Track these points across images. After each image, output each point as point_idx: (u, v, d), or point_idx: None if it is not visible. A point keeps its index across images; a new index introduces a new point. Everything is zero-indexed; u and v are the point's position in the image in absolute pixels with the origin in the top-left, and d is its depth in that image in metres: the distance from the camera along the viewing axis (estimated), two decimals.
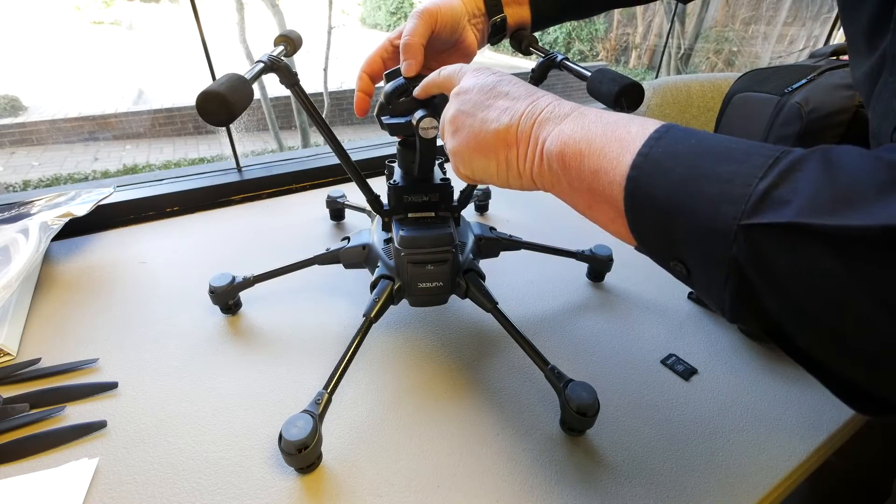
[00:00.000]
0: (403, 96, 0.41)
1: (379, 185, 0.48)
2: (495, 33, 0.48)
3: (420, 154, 0.42)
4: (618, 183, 0.24)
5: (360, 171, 0.47)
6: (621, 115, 0.27)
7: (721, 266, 0.21)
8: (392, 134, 0.42)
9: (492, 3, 0.46)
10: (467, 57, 0.48)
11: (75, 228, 0.64)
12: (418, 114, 0.38)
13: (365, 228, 0.54)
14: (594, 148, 0.26)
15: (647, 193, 0.23)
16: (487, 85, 0.32)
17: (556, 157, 0.27)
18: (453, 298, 0.48)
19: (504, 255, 0.55)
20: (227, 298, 0.52)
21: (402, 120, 0.41)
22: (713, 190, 0.21)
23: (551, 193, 0.30)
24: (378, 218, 0.51)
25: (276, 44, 0.42)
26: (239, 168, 0.80)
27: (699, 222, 0.21)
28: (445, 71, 0.37)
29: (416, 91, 0.39)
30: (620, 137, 0.25)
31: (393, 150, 0.89)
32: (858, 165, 0.19)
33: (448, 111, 0.34)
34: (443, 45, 0.45)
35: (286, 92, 0.40)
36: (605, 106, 0.39)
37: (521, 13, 0.47)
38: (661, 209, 0.23)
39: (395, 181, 0.46)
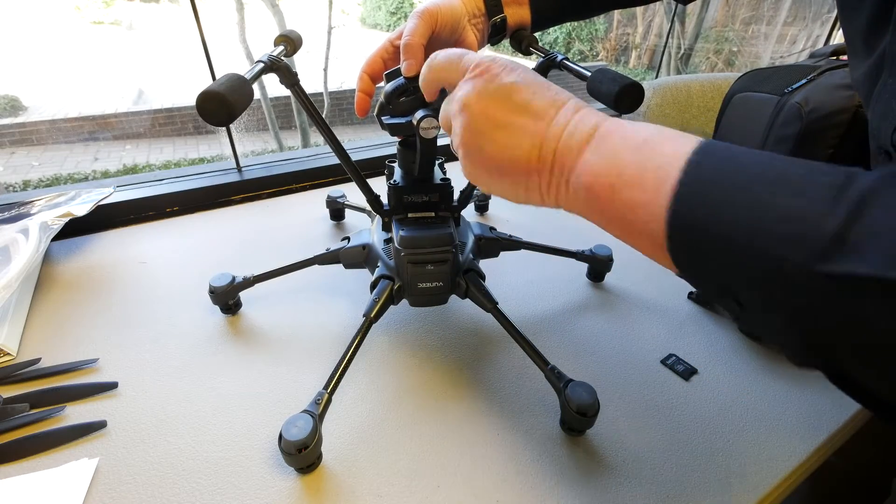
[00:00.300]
0: (404, 96, 0.41)
1: (379, 185, 0.48)
2: (495, 33, 0.48)
3: (421, 154, 0.42)
4: (657, 216, 0.22)
5: (360, 171, 0.47)
6: (649, 133, 0.24)
7: (784, 310, 0.19)
8: (392, 134, 0.42)
9: (492, 3, 0.46)
10: None
11: (75, 228, 0.64)
12: (419, 114, 0.38)
13: (365, 228, 0.54)
14: (626, 179, 0.23)
15: (692, 227, 0.21)
16: (501, 94, 0.28)
17: (584, 189, 0.25)
18: (453, 298, 0.48)
19: (504, 255, 0.55)
20: (227, 298, 0.52)
21: (402, 120, 0.41)
22: (774, 228, 0.19)
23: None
24: (378, 218, 0.51)
25: (276, 44, 0.42)
26: (239, 168, 0.80)
27: (758, 263, 0.19)
28: (441, 56, 0.32)
29: (422, 89, 0.35)
30: (656, 165, 0.22)
31: (393, 150, 0.89)
32: None
33: (456, 125, 0.30)
34: (443, 45, 0.45)
35: (286, 92, 0.41)
36: (605, 106, 0.39)
37: (521, 13, 0.47)
38: (710, 244, 0.21)
39: (395, 181, 0.46)
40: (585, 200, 0.26)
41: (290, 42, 0.42)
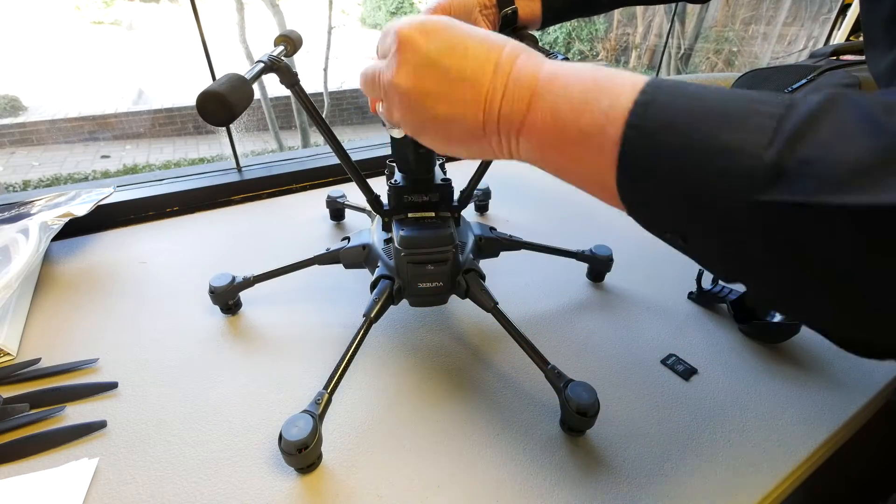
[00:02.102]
0: None
1: (379, 185, 0.48)
2: (506, 25, 0.47)
3: (414, 148, 0.42)
4: (606, 166, 0.23)
5: (360, 171, 0.47)
6: (585, 85, 0.23)
7: (726, 239, 0.20)
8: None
9: None
10: None
11: (75, 228, 0.64)
12: None
13: (365, 228, 0.54)
14: (570, 137, 0.24)
15: (642, 170, 0.22)
16: (430, 65, 0.26)
17: (535, 149, 0.26)
18: (453, 298, 0.48)
19: (504, 255, 0.55)
20: (227, 298, 0.52)
21: None
22: (718, 163, 0.19)
23: None
24: (378, 218, 0.51)
25: (277, 44, 0.42)
26: (239, 168, 0.80)
27: (704, 199, 0.20)
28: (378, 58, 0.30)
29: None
30: (597, 121, 0.22)
31: None
32: (869, 125, 0.17)
33: (392, 106, 0.29)
34: None
35: (286, 92, 0.40)
36: None
37: (532, 7, 0.47)
38: (658, 186, 0.21)
39: (395, 181, 0.46)
40: (537, 156, 0.26)
41: (291, 42, 0.42)
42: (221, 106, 0.31)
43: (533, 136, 0.25)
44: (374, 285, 0.46)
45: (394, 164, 0.50)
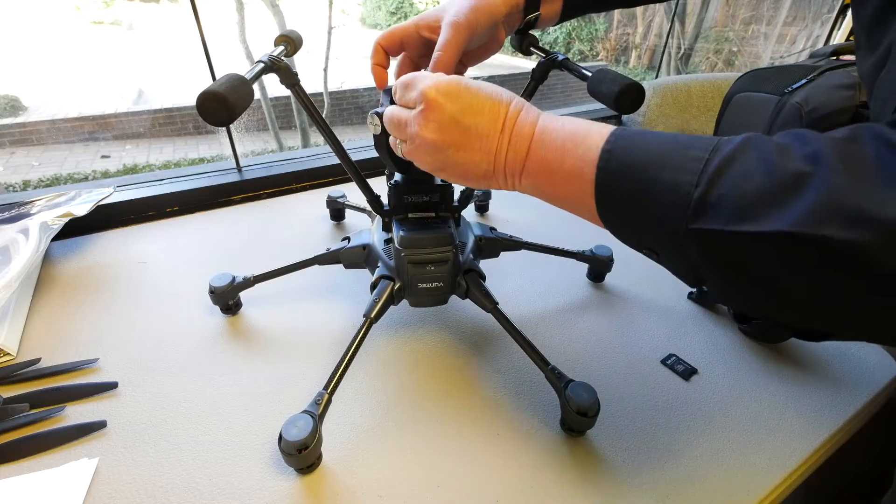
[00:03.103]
0: None
1: (379, 185, 0.48)
2: (527, 28, 0.47)
3: (387, 152, 0.41)
4: (587, 198, 0.29)
5: (360, 171, 0.47)
6: (570, 131, 0.30)
7: (682, 255, 0.26)
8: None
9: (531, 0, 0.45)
10: (491, 50, 0.47)
11: (75, 228, 0.64)
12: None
13: (365, 228, 0.54)
14: (559, 176, 0.30)
15: (612, 202, 0.28)
16: (451, 123, 0.32)
17: (531, 185, 0.32)
18: (453, 298, 0.48)
19: (504, 256, 0.55)
20: (228, 298, 0.52)
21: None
22: (662, 198, 0.25)
23: None
24: (378, 218, 0.51)
25: (277, 44, 0.42)
26: (239, 168, 0.80)
27: (660, 224, 0.26)
28: (393, 107, 0.36)
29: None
30: (576, 165, 0.29)
31: None
32: (765, 166, 0.22)
33: (415, 147, 0.34)
34: (474, 44, 0.44)
35: (286, 92, 0.40)
36: (604, 105, 0.39)
37: (554, 8, 0.46)
38: (629, 212, 0.28)
39: (395, 181, 0.46)
40: (534, 191, 0.33)
41: (291, 42, 0.42)
42: (221, 106, 0.31)
43: (530, 176, 0.32)
44: (374, 285, 0.46)
45: None
